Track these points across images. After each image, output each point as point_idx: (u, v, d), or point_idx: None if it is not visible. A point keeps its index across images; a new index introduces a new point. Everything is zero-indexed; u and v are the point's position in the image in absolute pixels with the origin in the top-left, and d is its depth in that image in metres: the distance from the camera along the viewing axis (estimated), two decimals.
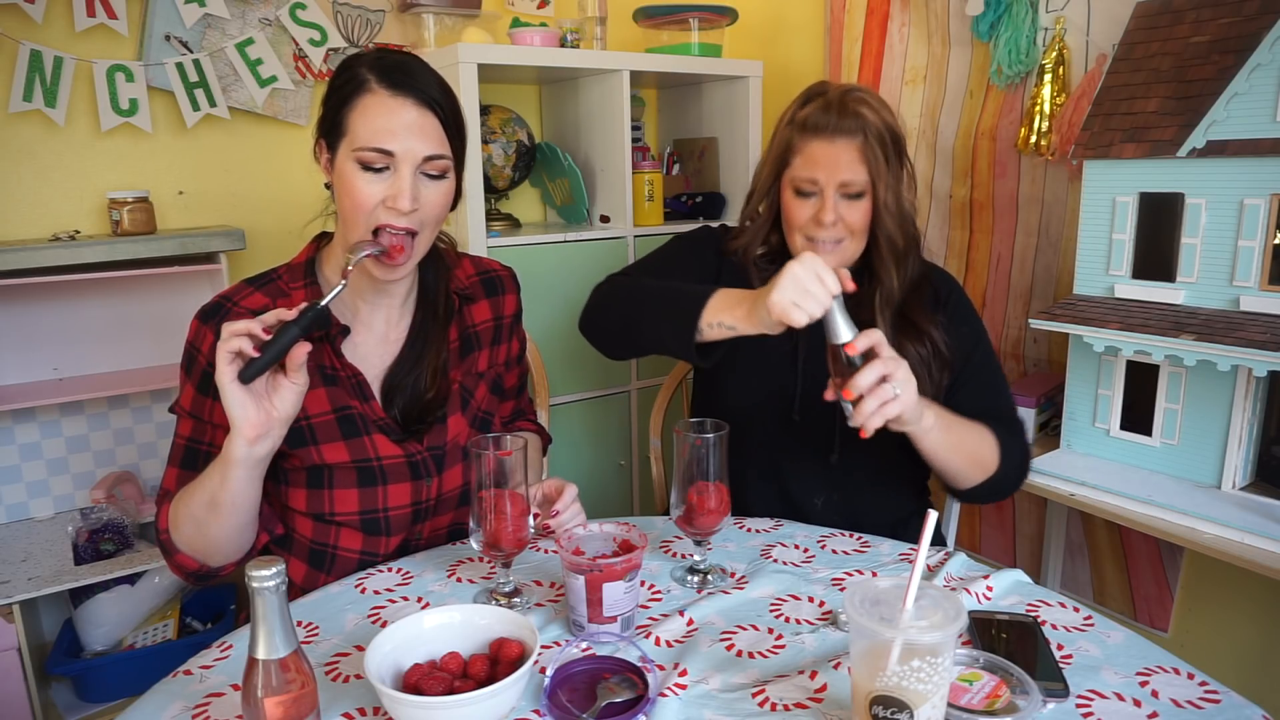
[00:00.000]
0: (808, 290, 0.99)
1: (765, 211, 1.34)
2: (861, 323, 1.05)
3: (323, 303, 0.96)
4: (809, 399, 1.29)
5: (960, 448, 1.19)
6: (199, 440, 1.09)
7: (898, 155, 1.24)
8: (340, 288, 0.99)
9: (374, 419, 1.12)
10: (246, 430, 0.94)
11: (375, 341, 1.16)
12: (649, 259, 1.42)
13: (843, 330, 1.01)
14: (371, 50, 1.11)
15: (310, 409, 1.09)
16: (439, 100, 1.06)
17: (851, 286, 1.02)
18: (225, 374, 0.91)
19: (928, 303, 1.31)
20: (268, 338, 0.92)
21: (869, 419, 1.02)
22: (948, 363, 1.28)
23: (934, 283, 1.34)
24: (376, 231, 1.05)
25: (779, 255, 1.33)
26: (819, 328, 1.03)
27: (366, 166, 1.03)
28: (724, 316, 1.09)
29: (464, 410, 1.19)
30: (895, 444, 1.16)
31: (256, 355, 0.91)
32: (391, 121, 1.02)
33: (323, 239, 1.18)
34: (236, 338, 0.91)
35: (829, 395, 1.06)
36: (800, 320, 1.00)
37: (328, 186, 1.11)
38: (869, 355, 1.02)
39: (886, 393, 1.01)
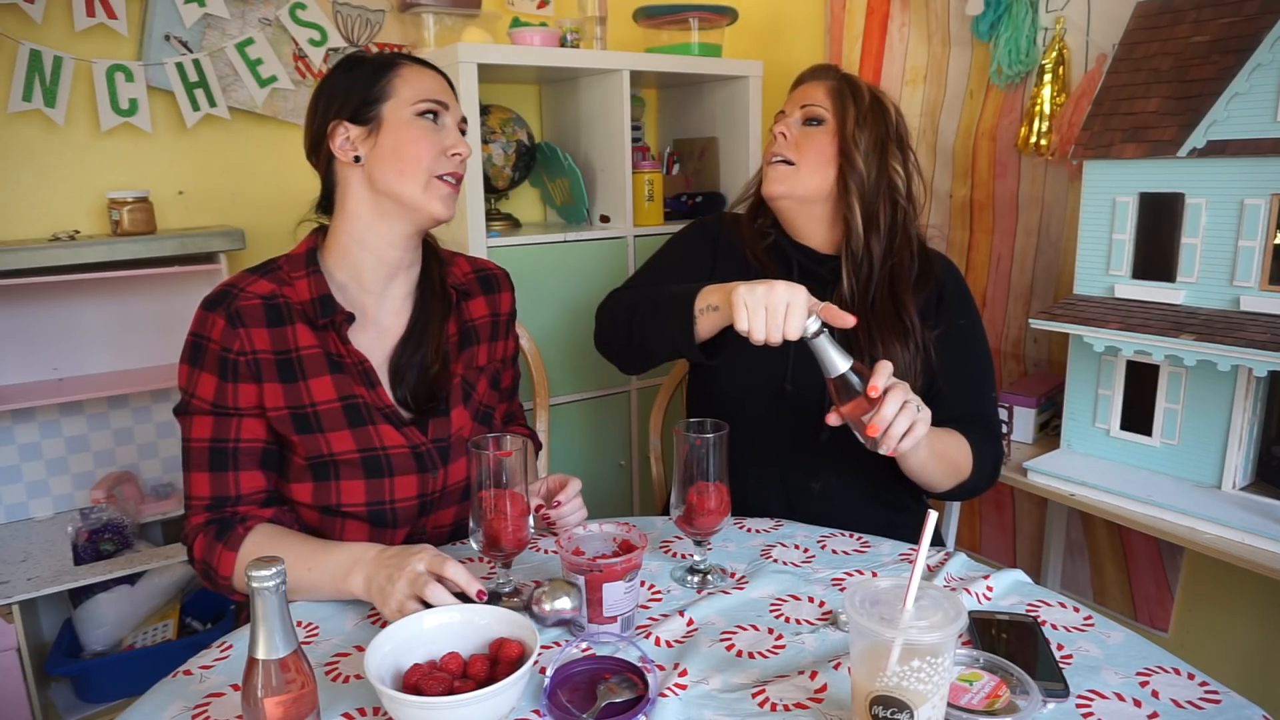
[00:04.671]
0: (766, 309, 1.02)
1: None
2: (838, 302, 1.10)
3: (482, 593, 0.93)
4: (800, 375, 1.30)
5: (943, 457, 1.20)
6: (223, 439, 1.08)
7: (885, 127, 1.28)
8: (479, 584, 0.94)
9: (380, 407, 1.14)
10: (385, 608, 0.94)
11: (378, 333, 1.19)
12: (647, 265, 1.44)
13: (837, 362, 1.01)
14: (363, 53, 1.20)
15: (317, 396, 1.11)
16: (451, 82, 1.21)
17: (848, 321, 1.03)
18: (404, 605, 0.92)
19: (929, 302, 1.30)
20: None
21: (896, 443, 1.01)
22: (933, 372, 1.28)
23: (939, 278, 1.32)
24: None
25: (770, 229, 1.38)
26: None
27: (426, 115, 1.13)
28: (710, 298, 1.13)
29: (466, 403, 1.21)
30: None
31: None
32: (436, 85, 1.16)
33: (320, 232, 1.20)
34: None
35: (832, 420, 1.06)
36: (740, 323, 1.04)
37: (357, 159, 1.13)
38: (868, 374, 1.02)
39: (911, 414, 1.01)
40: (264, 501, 1.10)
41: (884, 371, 1.01)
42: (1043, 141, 1.79)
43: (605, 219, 2.18)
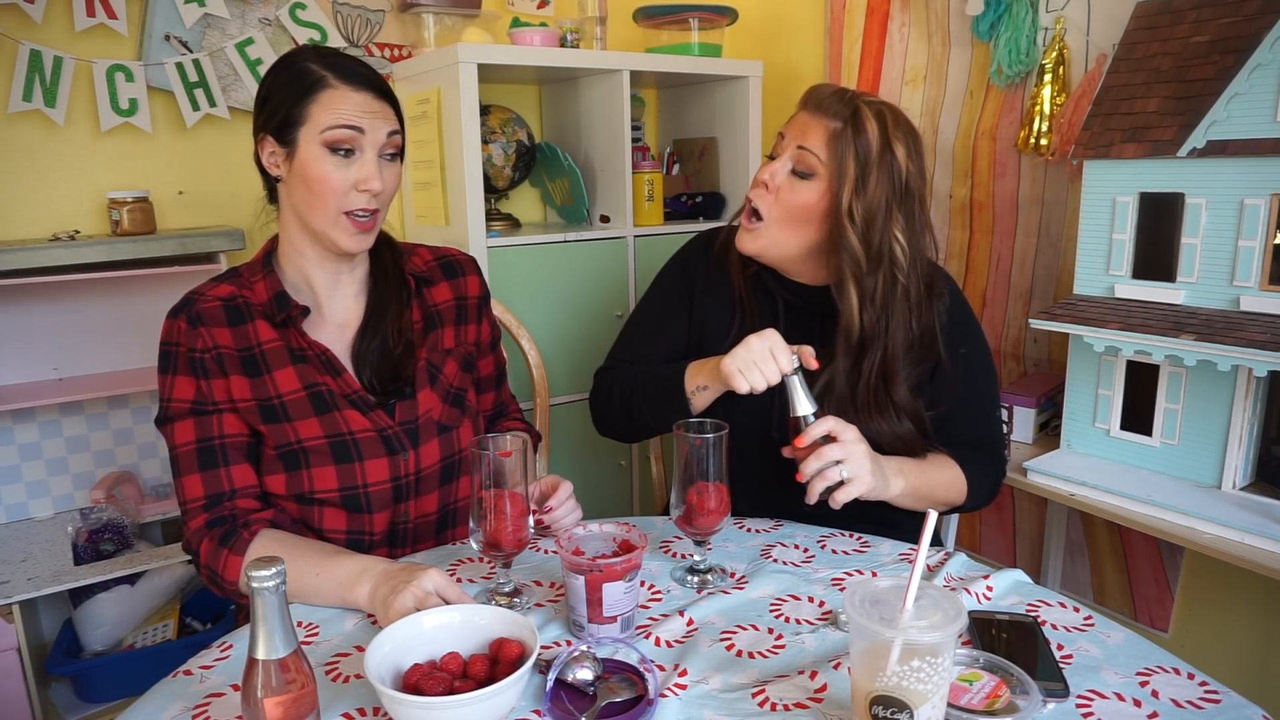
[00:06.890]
0: (756, 364, 1.09)
1: None
2: (824, 358, 1.13)
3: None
4: (784, 421, 1.24)
5: (928, 500, 1.20)
6: (209, 437, 1.09)
7: (890, 184, 1.12)
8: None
9: (345, 393, 1.15)
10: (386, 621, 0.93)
11: (336, 326, 1.20)
12: (628, 330, 1.43)
13: (802, 403, 1.09)
14: (309, 47, 1.17)
15: (282, 387, 1.13)
16: (390, 92, 1.15)
17: (814, 365, 1.10)
18: (404, 608, 0.91)
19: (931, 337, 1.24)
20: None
21: (814, 500, 1.09)
22: (939, 398, 1.25)
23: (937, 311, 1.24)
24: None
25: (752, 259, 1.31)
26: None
27: (335, 149, 1.09)
28: (698, 379, 1.20)
29: (433, 385, 1.22)
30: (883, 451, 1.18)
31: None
32: (357, 108, 1.10)
33: (276, 238, 1.22)
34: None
35: (786, 453, 1.12)
36: (741, 387, 1.10)
37: (278, 180, 1.15)
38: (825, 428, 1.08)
39: (833, 476, 1.07)
40: (258, 496, 1.11)
41: (819, 428, 1.07)
42: (1043, 141, 1.79)
43: (605, 219, 2.18)
